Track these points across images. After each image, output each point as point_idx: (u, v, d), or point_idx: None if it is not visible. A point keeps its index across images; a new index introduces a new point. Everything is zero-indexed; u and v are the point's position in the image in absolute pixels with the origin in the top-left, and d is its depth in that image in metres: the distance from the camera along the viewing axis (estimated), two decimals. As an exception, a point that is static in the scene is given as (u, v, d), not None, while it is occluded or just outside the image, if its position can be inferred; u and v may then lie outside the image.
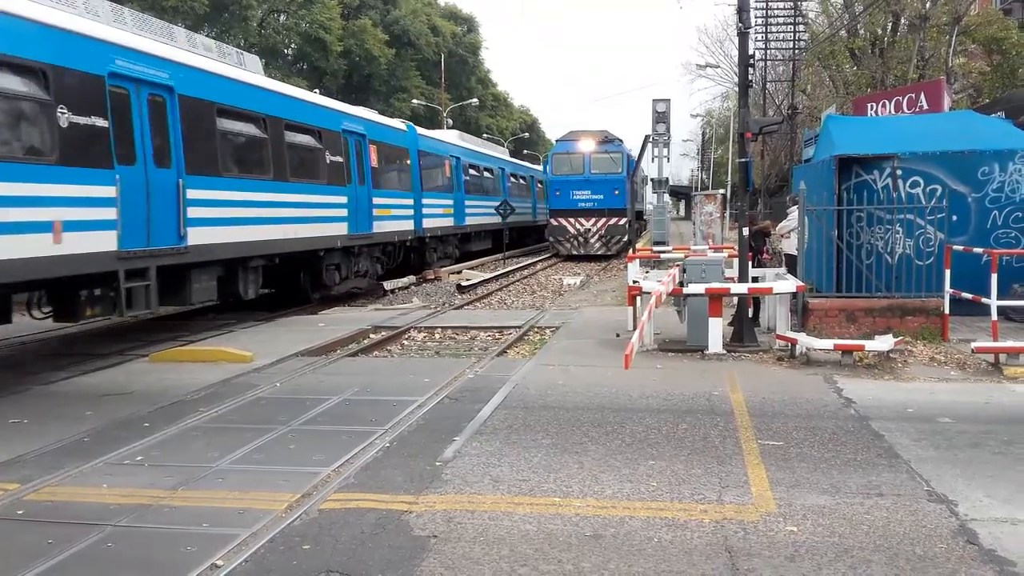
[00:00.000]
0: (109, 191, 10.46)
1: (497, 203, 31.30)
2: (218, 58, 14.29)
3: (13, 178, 9.05)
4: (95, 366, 11.04)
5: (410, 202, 23.01)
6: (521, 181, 41.24)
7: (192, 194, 12.34)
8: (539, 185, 43.93)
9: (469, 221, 29.79)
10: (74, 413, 8.24)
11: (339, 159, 17.84)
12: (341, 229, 17.77)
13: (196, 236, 12.38)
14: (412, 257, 24.44)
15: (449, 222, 27.31)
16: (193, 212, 12.32)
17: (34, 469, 6.47)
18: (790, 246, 13.30)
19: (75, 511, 5.55)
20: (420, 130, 25.47)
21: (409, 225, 22.86)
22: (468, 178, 30.14)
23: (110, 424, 7.80)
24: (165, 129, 11.85)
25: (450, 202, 27.49)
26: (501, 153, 40.16)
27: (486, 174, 33.56)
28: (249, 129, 14.61)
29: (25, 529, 5.28)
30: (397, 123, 24.04)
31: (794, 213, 14.06)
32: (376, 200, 19.81)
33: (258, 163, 14.79)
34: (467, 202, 29.47)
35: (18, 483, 6.13)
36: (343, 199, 17.91)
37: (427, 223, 24.34)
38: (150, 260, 11.23)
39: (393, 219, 21.29)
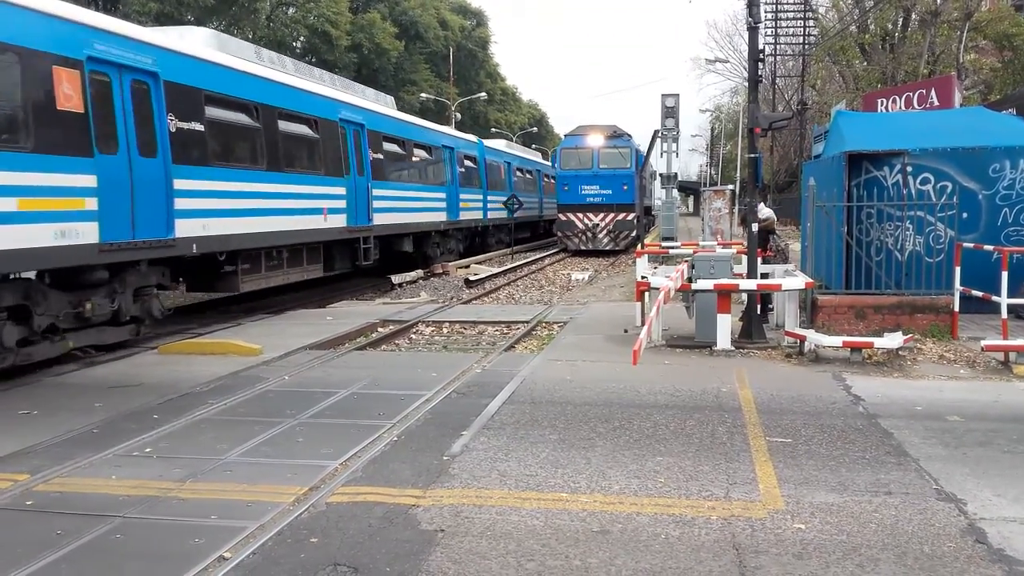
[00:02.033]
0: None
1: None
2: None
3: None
4: (104, 358, 11.08)
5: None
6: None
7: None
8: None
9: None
10: (83, 404, 8.28)
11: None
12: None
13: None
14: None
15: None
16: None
17: (44, 460, 6.50)
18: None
19: (84, 502, 5.58)
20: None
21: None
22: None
23: (119, 416, 7.83)
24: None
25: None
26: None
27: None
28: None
29: (34, 520, 5.31)
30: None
31: (761, 214, 14.02)
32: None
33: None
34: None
35: (28, 474, 6.17)
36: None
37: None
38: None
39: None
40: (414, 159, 22.90)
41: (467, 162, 28.75)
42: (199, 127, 12.66)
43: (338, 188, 17.48)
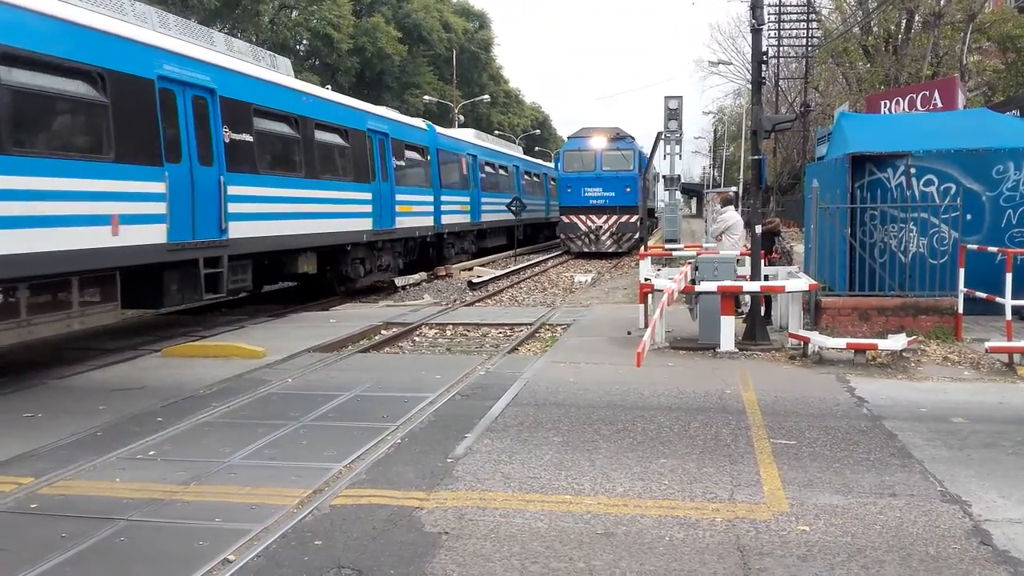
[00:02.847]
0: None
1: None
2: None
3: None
4: (108, 361, 11.09)
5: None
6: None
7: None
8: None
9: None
10: (87, 407, 8.29)
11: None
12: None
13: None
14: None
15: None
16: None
17: (48, 463, 6.51)
18: (722, 249, 13.20)
19: (88, 505, 5.58)
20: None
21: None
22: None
23: (123, 418, 7.84)
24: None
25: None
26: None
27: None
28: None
29: (39, 523, 5.32)
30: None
31: (726, 213, 14.07)
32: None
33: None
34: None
35: (32, 477, 6.17)
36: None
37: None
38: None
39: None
40: (316, 146, 16.28)
41: (411, 153, 22.29)
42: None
43: (152, 184, 11.19)
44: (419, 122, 24.78)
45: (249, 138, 13.80)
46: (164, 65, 11.57)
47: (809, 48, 40.26)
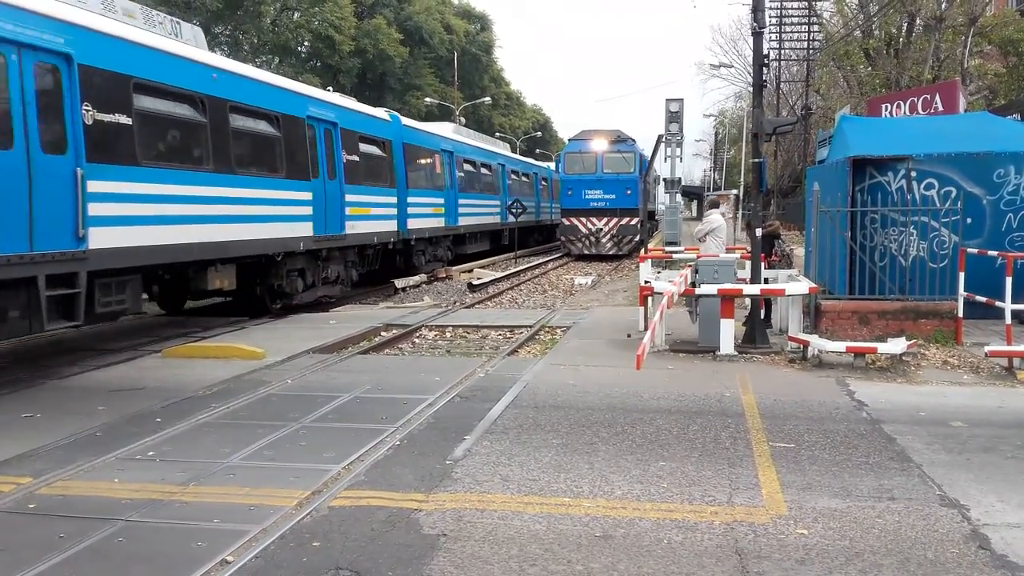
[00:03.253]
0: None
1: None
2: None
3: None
4: (107, 361, 11.09)
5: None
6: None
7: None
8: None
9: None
10: (86, 408, 8.29)
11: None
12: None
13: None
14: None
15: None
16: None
17: (46, 463, 6.51)
18: (706, 249, 13.27)
19: (87, 505, 5.58)
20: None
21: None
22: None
23: (122, 419, 7.84)
24: None
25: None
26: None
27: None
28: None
29: (37, 523, 5.32)
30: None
31: (711, 216, 14.09)
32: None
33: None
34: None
35: (31, 477, 6.17)
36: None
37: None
38: None
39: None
40: (231, 134, 13.46)
41: (368, 147, 19.24)
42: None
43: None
44: (381, 112, 21.88)
45: (126, 120, 10.88)
46: None
47: (810, 51, 40.28)
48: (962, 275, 11.02)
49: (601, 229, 32.43)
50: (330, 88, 22.42)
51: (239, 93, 13.85)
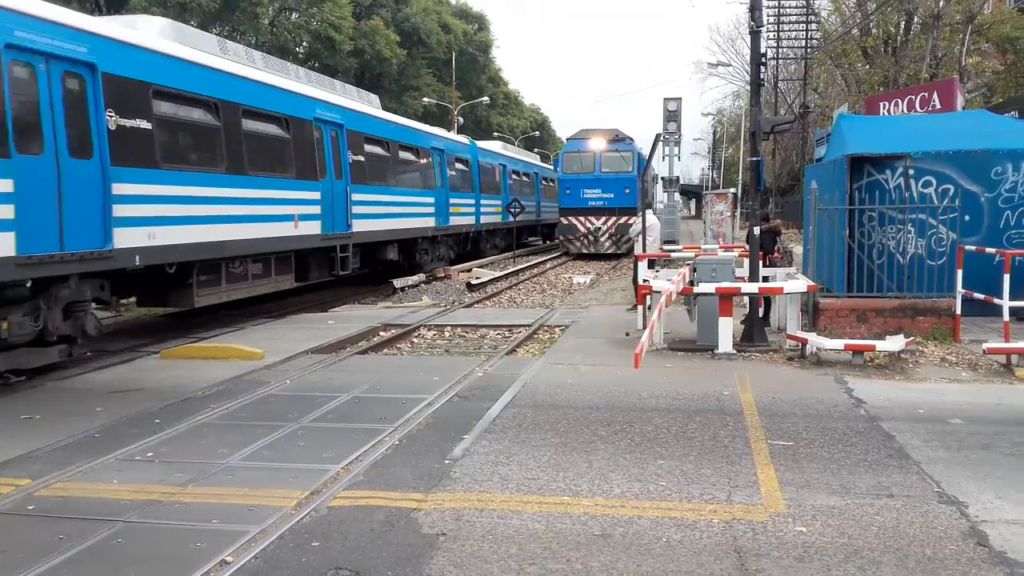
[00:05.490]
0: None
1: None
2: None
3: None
4: (106, 362, 11.09)
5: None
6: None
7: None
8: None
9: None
10: (85, 409, 8.29)
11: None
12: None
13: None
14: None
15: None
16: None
17: (45, 465, 6.51)
18: (638, 248, 13.57)
19: (86, 507, 5.58)
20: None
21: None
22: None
23: (121, 420, 7.84)
24: None
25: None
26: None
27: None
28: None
29: (36, 524, 5.32)
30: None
31: (647, 217, 14.40)
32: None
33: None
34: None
35: (29, 478, 6.17)
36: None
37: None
38: None
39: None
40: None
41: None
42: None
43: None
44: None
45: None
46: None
47: (808, 50, 40.30)
48: (960, 272, 11.03)
49: (599, 228, 32.43)
50: None
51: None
